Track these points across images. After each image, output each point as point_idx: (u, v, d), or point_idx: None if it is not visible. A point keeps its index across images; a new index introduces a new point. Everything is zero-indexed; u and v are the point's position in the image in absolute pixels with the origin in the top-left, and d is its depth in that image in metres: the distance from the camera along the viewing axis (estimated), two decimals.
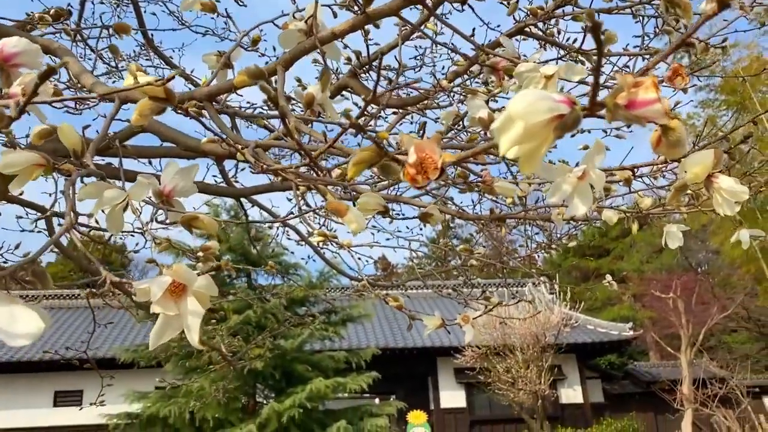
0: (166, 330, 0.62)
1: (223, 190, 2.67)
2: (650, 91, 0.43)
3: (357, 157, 0.54)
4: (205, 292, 0.62)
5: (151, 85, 0.68)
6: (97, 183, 0.85)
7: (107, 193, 0.84)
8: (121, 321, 19.59)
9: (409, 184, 0.49)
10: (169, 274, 0.61)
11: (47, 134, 1.09)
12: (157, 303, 0.60)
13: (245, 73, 0.82)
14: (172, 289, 0.62)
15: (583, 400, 19.93)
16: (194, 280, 0.62)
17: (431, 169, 0.48)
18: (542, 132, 0.43)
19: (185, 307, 0.61)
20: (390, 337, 19.50)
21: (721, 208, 0.92)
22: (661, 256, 30.13)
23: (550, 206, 1.92)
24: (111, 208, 0.87)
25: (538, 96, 0.43)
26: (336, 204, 0.85)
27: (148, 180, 0.89)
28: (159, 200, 0.90)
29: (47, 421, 17.56)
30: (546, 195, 2.22)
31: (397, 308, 1.81)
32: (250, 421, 8.39)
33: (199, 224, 0.81)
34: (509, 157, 0.46)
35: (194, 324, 0.60)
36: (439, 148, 0.50)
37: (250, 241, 7.52)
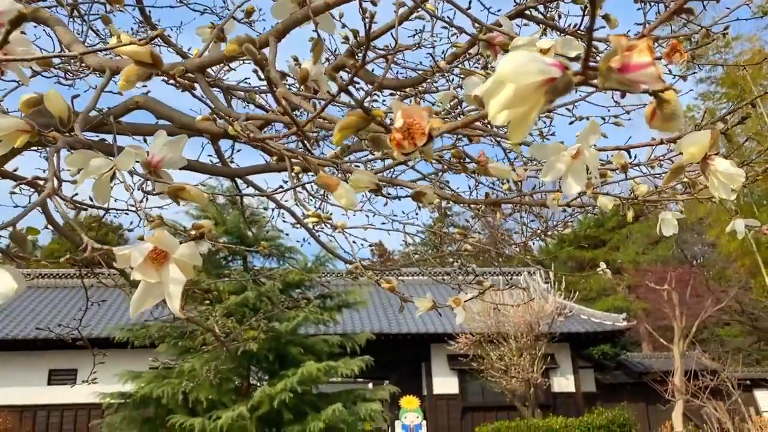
0: (146, 298, 0.61)
1: (217, 169, 2.65)
2: (644, 54, 0.42)
3: (343, 122, 0.52)
4: (188, 260, 0.61)
5: (135, 44, 0.67)
6: (84, 152, 0.84)
7: (94, 162, 0.82)
8: (116, 302, 19.63)
9: (395, 150, 0.48)
10: (151, 240, 0.60)
11: (35, 103, 1.07)
12: (138, 269, 0.59)
13: (235, 42, 0.81)
14: (154, 256, 0.60)
15: (575, 389, 20.09)
16: (176, 247, 0.60)
17: (418, 135, 0.47)
18: (532, 96, 0.42)
19: (167, 274, 0.59)
20: (384, 323, 19.59)
21: (717, 192, 0.91)
22: (657, 248, 30.23)
23: (545, 191, 1.91)
24: (98, 177, 0.85)
25: (529, 58, 0.41)
26: (326, 178, 0.84)
27: (135, 150, 0.88)
28: (147, 171, 0.88)
29: (42, 399, 17.64)
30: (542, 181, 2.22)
31: (389, 290, 1.80)
32: (242, 403, 8.42)
33: (185, 195, 0.80)
34: (498, 123, 0.44)
35: (175, 292, 0.59)
36: (429, 116, 0.48)
37: (245, 223, 7.51)
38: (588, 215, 27.75)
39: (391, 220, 2.70)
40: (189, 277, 0.62)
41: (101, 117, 2.10)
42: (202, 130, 2.07)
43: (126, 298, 6.13)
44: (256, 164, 2.69)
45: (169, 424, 8.53)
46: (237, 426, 8.19)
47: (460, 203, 2.01)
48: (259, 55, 0.70)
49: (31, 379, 17.75)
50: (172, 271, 0.60)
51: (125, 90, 0.80)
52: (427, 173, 2.41)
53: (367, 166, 1.87)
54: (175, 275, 0.60)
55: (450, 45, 2.10)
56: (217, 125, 2.09)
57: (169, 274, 0.60)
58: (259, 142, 0.86)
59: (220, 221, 9.35)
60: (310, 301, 9.67)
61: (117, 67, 1.08)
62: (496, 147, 2.70)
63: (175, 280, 0.59)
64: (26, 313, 18.76)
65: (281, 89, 0.72)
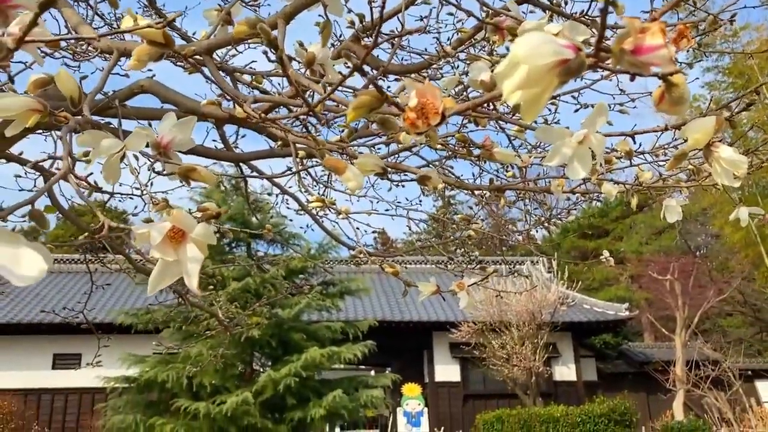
0: (164, 276, 0.62)
1: (222, 154, 2.66)
2: (657, 36, 0.42)
3: (357, 101, 0.53)
4: (203, 239, 0.62)
5: (150, 28, 0.67)
6: (94, 132, 0.85)
7: (104, 142, 0.83)
8: (120, 286, 19.75)
9: (409, 129, 0.49)
10: (169, 219, 0.61)
11: (44, 83, 1.08)
12: (157, 248, 0.60)
13: (245, 23, 0.81)
14: (171, 235, 0.61)
15: (576, 378, 20.18)
16: (193, 226, 0.62)
17: (432, 114, 0.48)
18: (546, 77, 0.43)
19: (184, 253, 0.61)
20: (387, 311, 19.67)
21: (720, 178, 0.91)
22: (661, 238, 30.20)
23: (549, 177, 1.92)
24: (108, 157, 0.86)
25: (543, 39, 0.42)
26: (334, 161, 0.85)
27: (145, 131, 0.89)
28: (156, 152, 0.89)
29: (46, 383, 17.80)
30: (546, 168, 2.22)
31: (393, 274, 1.82)
32: (246, 388, 8.49)
33: (196, 175, 0.81)
34: (512, 103, 0.45)
35: (194, 270, 0.61)
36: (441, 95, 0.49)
37: (249, 208, 7.52)
38: (592, 204, 27.71)
39: (395, 206, 2.70)
40: (204, 255, 0.64)
41: (107, 101, 2.10)
42: (206, 114, 2.08)
43: (131, 283, 6.29)
44: (261, 149, 2.70)
45: (173, 408, 8.61)
46: (241, 411, 8.26)
47: (464, 189, 2.02)
48: (272, 36, 0.70)
49: (36, 363, 17.91)
50: (189, 249, 0.61)
51: (136, 69, 0.81)
52: (431, 159, 2.41)
53: (372, 151, 1.88)
54: (193, 254, 0.61)
55: (456, 30, 2.10)
56: (222, 110, 2.09)
57: (186, 253, 0.61)
58: (269, 123, 0.86)
59: (224, 207, 9.39)
60: (312, 287, 9.71)
61: (125, 48, 1.08)
62: (500, 134, 2.70)
63: (193, 258, 0.61)
64: (31, 297, 18.89)
65: (292, 70, 0.73)
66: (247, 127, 2.66)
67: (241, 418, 8.30)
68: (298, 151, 1.99)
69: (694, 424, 11.68)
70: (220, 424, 8.40)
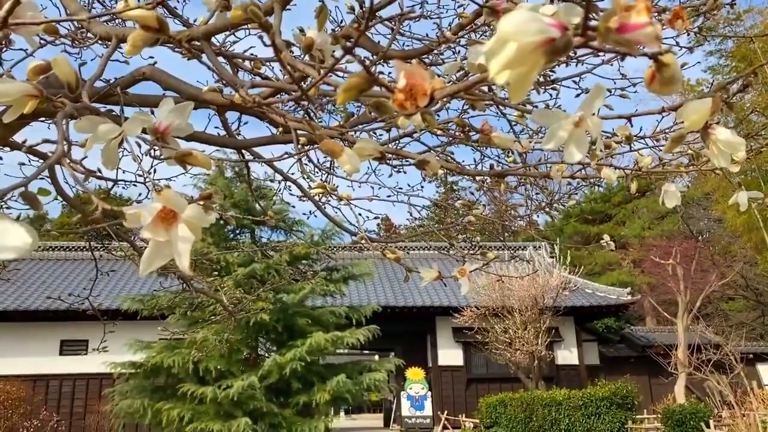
0: (156, 257, 0.63)
1: (224, 141, 2.66)
2: (642, 14, 0.42)
3: (346, 83, 0.53)
4: (196, 221, 0.62)
5: (141, 8, 0.67)
6: (92, 117, 0.85)
7: (102, 128, 0.84)
8: (126, 273, 19.85)
9: (397, 109, 0.49)
10: (159, 199, 0.62)
11: (42, 70, 1.08)
12: (147, 228, 0.60)
13: (240, 8, 0.81)
14: (163, 216, 0.62)
15: (578, 362, 20.29)
16: (184, 207, 0.62)
17: (420, 95, 0.48)
18: (532, 56, 0.43)
19: (175, 233, 0.61)
20: (390, 296, 19.74)
21: (717, 160, 0.91)
22: (663, 223, 30.15)
23: (550, 163, 1.91)
24: (106, 143, 0.87)
25: (529, 17, 0.42)
26: (331, 144, 0.85)
27: (142, 117, 0.89)
28: (154, 137, 0.89)
29: (54, 369, 17.99)
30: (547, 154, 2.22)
31: (394, 260, 1.82)
32: (252, 373, 8.56)
33: (192, 160, 0.81)
34: (499, 82, 0.45)
35: (184, 250, 0.61)
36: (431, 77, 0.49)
37: (252, 195, 7.53)
38: (594, 189, 27.62)
39: (396, 192, 2.70)
40: (197, 239, 0.64)
41: (108, 88, 2.10)
42: (208, 101, 2.08)
43: (136, 270, 6.27)
44: (262, 136, 2.70)
45: (179, 393, 8.69)
46: (247, 395, 8.34)
47: (464, 174, 2.02)
48: (264, 19, 0.70)
49: (43, 350, 18.07)
50: (180, 230, 0.61)
51: (131, 55, 0.81)
52: (432, 146, 2.41)
53: (372, 137, 1.88)
54: (184, 233, 0.61)
55: (456, 15, 2.09)
56: (223, 96, 2.09)
57: (177, 233, 0.61)
58: (265, 108, 0.86)
59: (228, 195, 9.39)
60: (316, 273, 9.75)
61: (123, 34, 1.09)
62: (501, 119, 2.69)
63: (183, 238, 0.61)
64: (38, 285, 19.02)
65: (285, 53, 0.73)
66: (249, 114, 2.66)
67: (246, 402, 8.38)
68: (299, 137, 1.99)
69: (695, 406, 11.74)
70: (226, 408, 8.48)
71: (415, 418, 19.58)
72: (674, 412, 11.66)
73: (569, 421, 13.94)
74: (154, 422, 8.65)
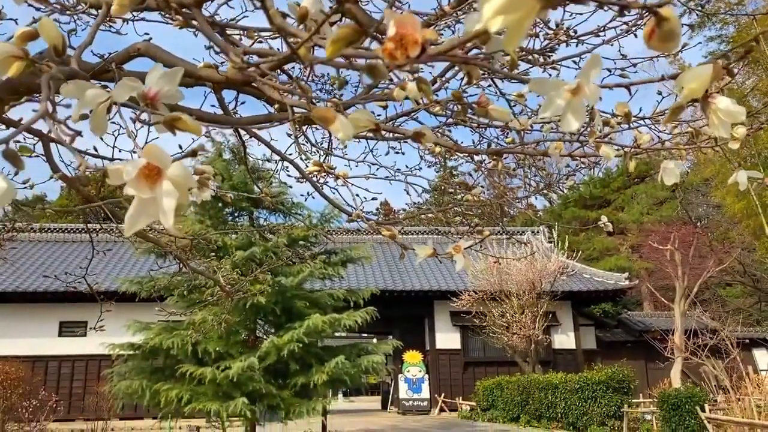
0: (140, 216, 0.61)
1: (220, 118, 2.63)
2: None
3: (336, 35, 0.51)
4: (182, 181, 0.61)
5: None
6: (79, 82, 0.83)
7: (89, 92, 0.82)
8: (124, 256, 19.87)
9: (387, 60, 0.47)
10: (143, 154, 0.60)
11: (31, 36, 1.06)
12: (131, 184, 0.58)
13: None
14: (147, 173, 0.60)
15: (575, 346, 20.43)
16: (168, 162, 0.60)
17: (411, 45, 0.46)
18: (527, 1, 0.41)
19: (160, 190, 0.59)
20: (389, 280, 19.81)
21: (717, 130, 0.90)
22: (662, 209, 30.17)
23: (548, 140, 1.90)
24: (95, 108, 0.85)
25: None
26: (323, 111, 0.83)
27: (131, 82, 0.87)
28: (144, 103, 0.88)
29: (53, 350, 18.09)
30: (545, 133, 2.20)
31: (390, 237, 1.81)
32: (251, 354, 8.60)
33: (181, 124, 0.79)
34: (493, 29, 0.44)
35: (169, 206, 0.59)
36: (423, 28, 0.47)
37: (250, 175, 7.51)
38: (593, 172, 27.62)
39: (394, 172, 2.69)
40: (184, 201, 0.62)
41: (103, 64, 2.08)
42: (204, 77, 2.05)
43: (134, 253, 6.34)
44: (259, 114, 2.67)
45: (178, 374, 8.74)
46: (246, 376, 8.38)
47: (461, 153, 2.00)
48: None
49: (42, 331, 18.16)
50: (165, 186, 0.60)
51: (119, 15, 0.79)
52: (431, 126, 2.39)
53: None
54: (169, 189, 0.59)
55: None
56: (219, 73, 2.06)
57: (162, 189, 0.59)
58: (259, 80, 0.84)
59: (226, 176, 9.36)
60: (315, 255, 9.75)
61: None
62: (500, 99, 2.67)
63: (168, 194, 0.59)
64: (36, 266, 19.04)
65: (274, 10, 0.71)
66: (245, 92, 2.63)
67: (245, 384, 8.42)
68: (296, 115, 1.97)
69: (691, 391, 11.83)
70: (225, 389, 8.53)
71: (412, 401, 19.75)
72: (670, 396, 11.76)
73: (565, 405, 14.06)
74: (152, 403, 8.70)
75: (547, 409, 14.64)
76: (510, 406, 15.81)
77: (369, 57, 0.65)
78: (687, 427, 11.32)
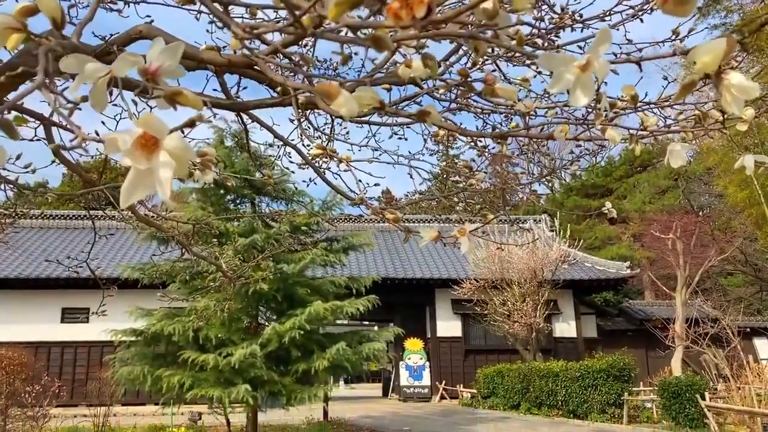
0: (137, 187, 0.60)
1: (223, 102, 2.62)
2: None
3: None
4: (180, 153, 0.59)
5: None
6: (78, 55, 0.81)
7: (89, 66, 0.80)
8: (126, 243, 19.90)
9: (392, 21, 0.45)
10: (139, 124, 0.58)
11: (30, 11, 1.04)
12: (127, 154, 0.57)
13: None
14: (143, 143, 0.59)
15: (576, 335, 20.48)
16: (165, 131, 0.59)
17: (416, 3, 0.45)
18: None
19: (157, 161, 0.58)
20: (390, 268, 19.83)
21: (730, 107, 0.88)
22: (664, 198, 30.11)
23: (553, 123, 1.88)
24: (94, 83, 0.83)
25: None
26: (326, 86, 0.81)
27: (132, 57, 0.85)
28: (144, 79, 0.86)
29: (55, 336, 18.18)
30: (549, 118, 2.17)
31: (393, 221, 1.80)
32: (253, 341, 8.62)
33: (182, 99, 0.78)
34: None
35: (166, 178, 0.58)
36: None
37: (252, 160, 7.49)
38: (596, 160, 27.52)
39: (397, 156, 2.67)
40: (183, 174, 0.61)
41: (105, 46, 2.05)
42: (206, 60, 2.04)
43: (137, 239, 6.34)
44: (262, 98, 2.66)
45: (180, 360, 8.77)
46: (248, 363, 8.41)
47: (466, 136, 1.98)
48: None
49: (45, 317, 18.24)
50: (162, 156, 0.58)
51: None
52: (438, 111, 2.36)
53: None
54: (166, 160, 0.58)
55: None
56: (221, 56, 2.04)
57: (159, 160, 0.58)
58: (260, 60, 0.82)
59: (228, 163, 9.34)
60: (316, 242, 9.75)
61: None
62: (505, 84, 2.64)
63: (165, 165, 0.58)
64: (38, 252, 19.08)
65: None
66: (247, 76, 2.61)
67: (247, 370, 8.45)
68: (298, 97, 1.94)
69: (691, 379, 11.87)
70: (227, 375, 8.57)
71: (413, 388, 19.85)
72: (670, 385, 11.79)
73: (566, 392, 14.12)
74: (154, 389, 8.74)
75: (547, 397, 14.71)
76: (511, 394, 15.88)
77: (373, 26, 0.63)
78: (687, 415, 11.37)
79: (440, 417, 14.67)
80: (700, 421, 11.27)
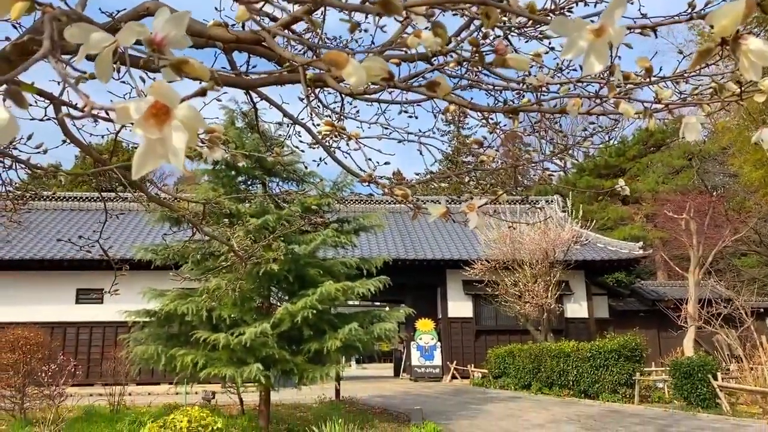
0: (149, 157, 0.59)
1: (231, 79, 2.60)
2: None
3: None
4: (191, 122, 0.58)
5: None
6: (83, 25, 0.80)
7: (94, 36, 0.79)
8: (138, 225, 20.07)
9: None
10: (150, 92, 0.57)
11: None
12: (138, 124, 0.56)
13: None
14: (155, 112, 0.58)
15: (588, 315, 20.46)
16: (177, 100, 0.58)
17: None
18: None
19: (169, 130, 0.57)
20: (401, 249, 19.86)
21: (747, 73, 0.85)
22: (677, 178, 29.79)
23: (566, 96, 1.85)
24: (99, 53, 0.82)
25: None
26: (334, 54, 0.80)
27: (138, 27, 0.84)
28: (150, 49, 0.85)
29: (70, 317, 18.47)
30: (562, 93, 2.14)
31: (402, 197, 1.79)
32: (264, 321, 8.69)
33: (189, 69, 0.77)
34: None
35: (179, 145, 0.57)
36: None
37: (263, 139, 7.48)
38: (608, 139, 27.14)
39: (407, 134, 2.65)
40: (193, 143, 0.60)
41: (112, 22, 2.04)
42: (213, 37, 2.02)
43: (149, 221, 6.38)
44: (269, 74, 2.64)
45: (192, 340, 8.87)
46: (259, 342, 8.49)
47: (476, 111, 1.96)
48: None
49: (60, 298, 18.51)
50: (174, 125, 0.57)
51: None
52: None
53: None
54: (178, 129, 0.57)
55: None
56: (229, 32, 2.02)
57: (171, 129, 0.57)
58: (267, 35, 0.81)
59: (239, 144, 9.34)
60: (328, 223, 9.77)
61: None
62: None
63: (178, 134, 0.57)
64: (52, 234, 19.30)
65: None
66: (256, 53, 2.58)
67: (259, 349, 8.54)
68: (306, 74, 1.93)
69: (703, 359, 11.84)
70: (239, 354, 8.66)
71: (424, 368, 19.99)
72: (682, 365, 11.78)
73: (577, 372, 14.15)
74: (168, 368, 8.86)
75: (558, 377, 14.75)
76: (522, 374, 15.95)
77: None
78: (699, 395, 11.36)
79: (451, 396, 14.78)
80: (711, 401, 11.26)
